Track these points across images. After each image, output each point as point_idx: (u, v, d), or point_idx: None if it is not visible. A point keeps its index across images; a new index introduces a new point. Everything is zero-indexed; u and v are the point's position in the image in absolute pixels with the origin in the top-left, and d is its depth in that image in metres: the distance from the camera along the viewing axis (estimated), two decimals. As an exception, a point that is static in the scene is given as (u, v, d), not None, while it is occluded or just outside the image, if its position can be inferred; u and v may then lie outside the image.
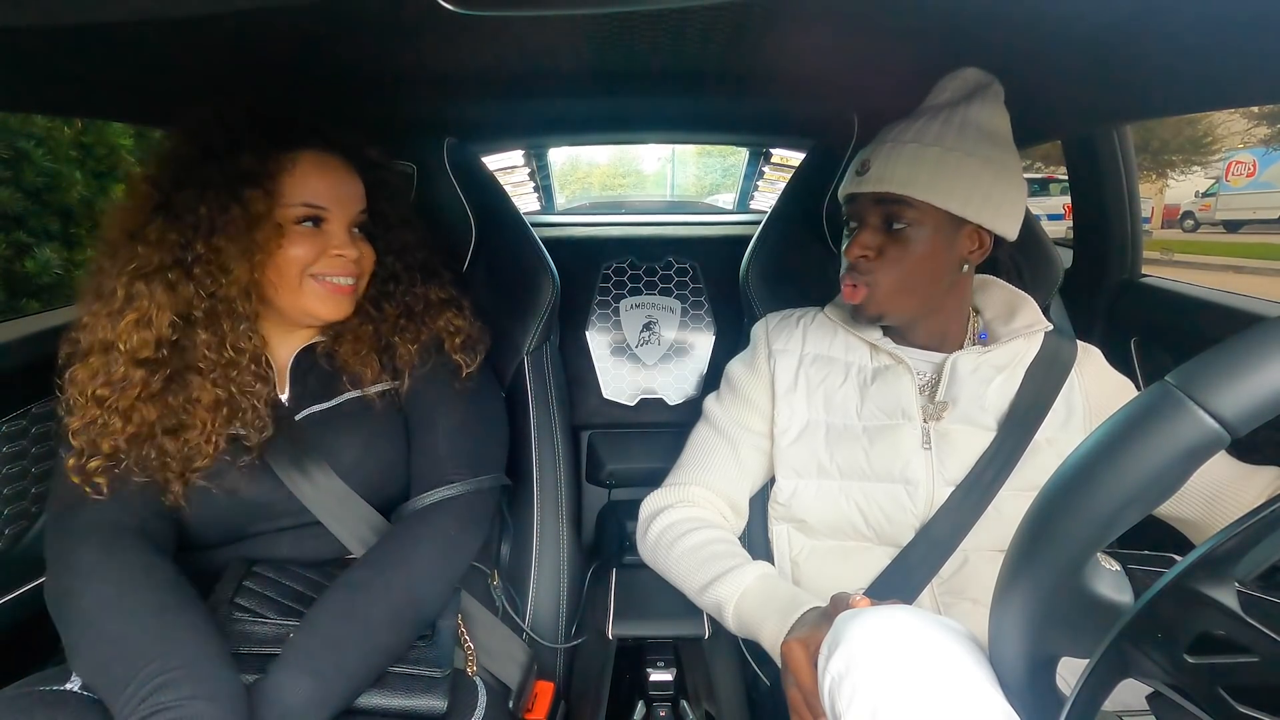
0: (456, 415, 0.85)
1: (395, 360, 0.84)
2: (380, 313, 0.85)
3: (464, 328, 0.88)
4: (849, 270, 0.82)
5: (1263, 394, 0.33)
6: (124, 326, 0.69)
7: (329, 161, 0.79)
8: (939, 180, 0.77)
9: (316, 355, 0.84)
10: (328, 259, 0.78)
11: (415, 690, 0.69)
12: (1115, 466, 0.37)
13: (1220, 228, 13.40)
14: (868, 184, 0.79)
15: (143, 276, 0.70)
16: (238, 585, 0.72)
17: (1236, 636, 0.33)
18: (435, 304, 0.87)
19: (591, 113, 1.35)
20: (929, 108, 0.82)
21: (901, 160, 0.78)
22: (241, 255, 0.72)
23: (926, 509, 0.80)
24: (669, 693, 0.88)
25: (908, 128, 0.80)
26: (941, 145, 0.77)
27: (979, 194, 0.78)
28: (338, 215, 0.78)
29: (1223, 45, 0.64)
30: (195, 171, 0.72)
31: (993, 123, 0.80)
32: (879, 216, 0.80)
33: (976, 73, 0.81)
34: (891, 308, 0.82)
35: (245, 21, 0.65)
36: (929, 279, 0.81)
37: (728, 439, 0.90)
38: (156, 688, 0.58)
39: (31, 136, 2.03)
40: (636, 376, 1.54)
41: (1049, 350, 0.85)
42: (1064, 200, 7.84)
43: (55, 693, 0.59)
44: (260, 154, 0.74)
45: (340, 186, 0.79)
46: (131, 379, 0.70)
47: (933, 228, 0.78)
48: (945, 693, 0.47)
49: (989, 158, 0.78)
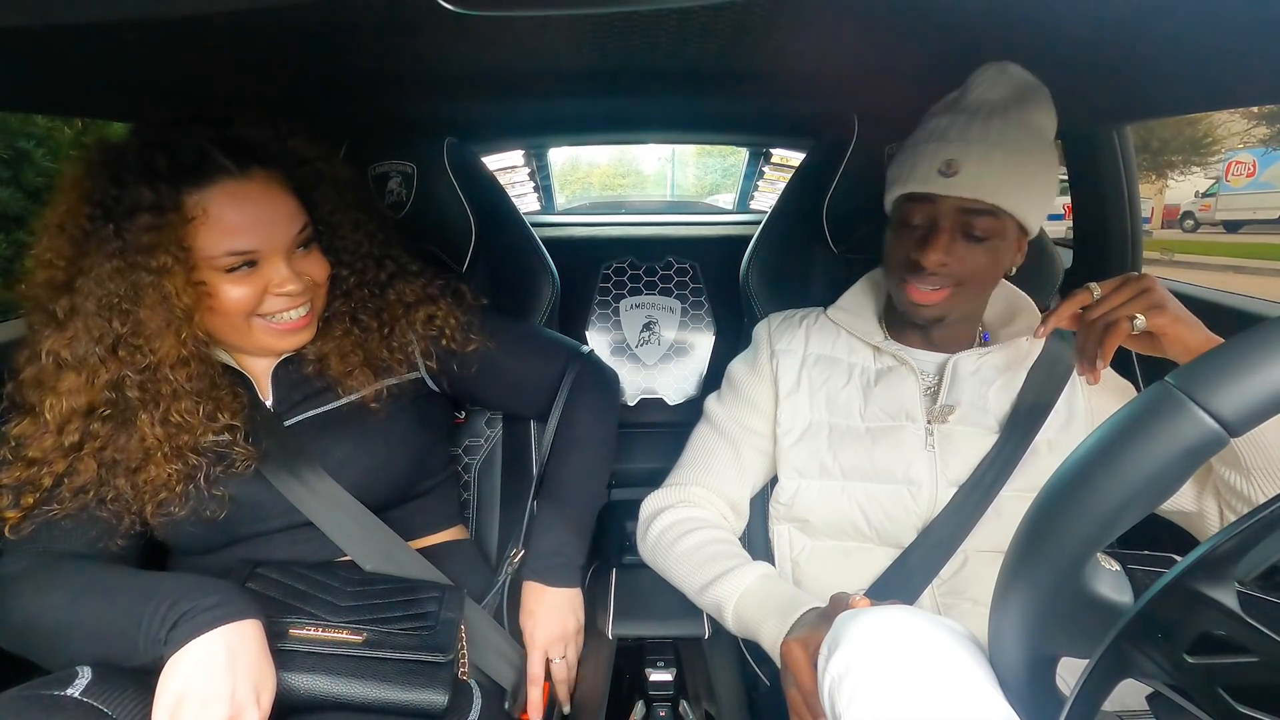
0: (504, 350, 0.88)
1: (392, 362, 0.83)
2: (359, 326, 0.81)
3: (446, 319, 0.84)
4: (918, 275, 0.77)
5: (1262, 394, 0.33)
6: (52, 399, 0.66)
7: (244, 191, 0.68)
8: (1022, 192, 0.74)
9: (304, 364, 0.80)
10: (270, 299, 0.71)
11: (415, 684, 0.68)
12: (1115, 466, 0.37)
13: (1220, 228, 13.40)
14: (959, 187, 0.74)
15: (69, 347, 0.66)
16: (239, 585, 0.72)
17: (1236, 636, 0.33)
18: (413, 304, 0.83)
19: (591, 113, 1.35)
20: (989, 104, 0.76)
21: (994, 166, 0.73)
22: (165, 328, 0.66)
23: (929, 510, 0.80)
24: (669, 693, 0.88)
25: (985, 128, 0.74)
26: (1022, 152, 0.74)
27: (1045, 205, 0.77)
28: (271, 249, 0.70)
29: (1222, 46, 0.64)
30: (98, 239, 0.65)
31: (1049, 129, 0.78)
32: (961, 223, 0.75)
33: (1022, 70, 0.77)
34: (953, 311, 0.80)
35: (244, 21, 0.64)
36: (989, 285, 0.81)
37: (729, 439, 0.90)
38: (171, 605, 0.60)
39: (31, 136, 2.03)
40: (637, 376, 1.54)
41: (1051, 352, 0.85)
42: (1064, 200, 7.83)
43: (54, 698, 0.59)
44: (160, 210, 0.65)
45: (265, 216, 0.69)
46: (61, 446, 0.66)
47: (1006, 237, 0.76)
48: (945, 693, 0.47)
49: (1049, 165, 0.76)
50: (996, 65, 0.77)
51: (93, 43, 0.66)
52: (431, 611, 0.75)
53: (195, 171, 0.67)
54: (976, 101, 0.77)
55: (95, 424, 0.68)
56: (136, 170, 0.66)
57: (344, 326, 0.81)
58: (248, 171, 0.69)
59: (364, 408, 0.81)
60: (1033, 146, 0.75)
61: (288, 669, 0.66)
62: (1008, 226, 0.76)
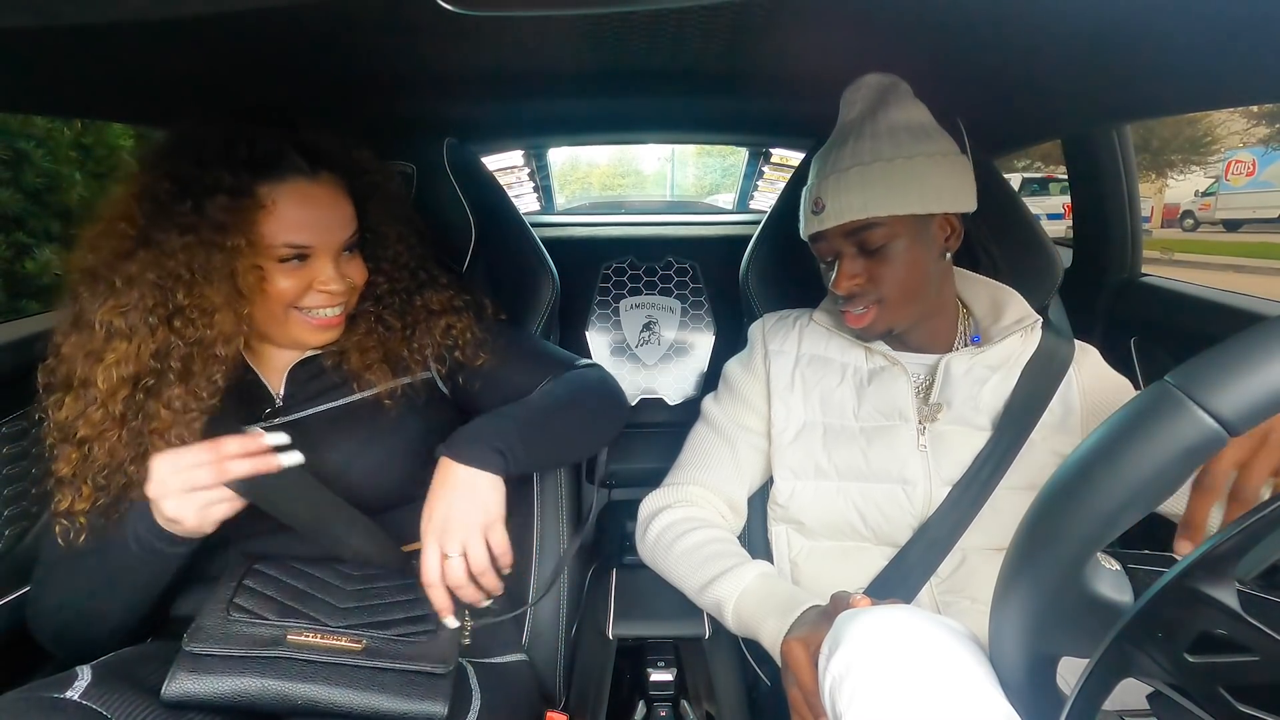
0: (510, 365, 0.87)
1: (410, 361, 0.84)
2: (384, 325, 0.83)
3: (464, 333, 0.86)
4: (846, 301, 0.83)
5: (1262, 393, 0.33)
6: (103, 369, 0.67)
7: (311, 192, 0.74)
8: (892, 191, 0.78)
9: (322, 361, 0.82)
10: (313, 294, 0.75)
11: (415, 695, 0.67)
12: (1115, 466, 0.37)
13: (1220, 227, 13.40)
14: (830, 220, 0.80)
15: (123, 315, 0.68)
16: (238, 585, 0.72)
17: (1237, 636, 0.34)
18: (436, 312, 0.86)
19: (591, 113, 1.35)
20: (848, 126, 0.83)
21: (851, 187, 0.79)
22: (226, 304, 0.70)
23: (924, 508, 0.80)
24: (669, 693, 0.88)
25: (840, 154, 0.81)
26: (880, 158, 0.79)
27: (931, 187, 0.79)
28: (324, 248, 0.75)
29: (1222, 45, 0.64)
30: (172, 213, 0.68)
31: (913, 118, 0.82)
32: (853, 245, 0.81)
33: (876, 77, 0.83)
34: (898, 320, 0.83)
35: (245, 21, 0.64)
36: (923, 280, 0.82)
37: (726, 439, 0.90)
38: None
39: (31, 137, 2.03)
40: (636, 376, 1.54)
41: (1046, 348, 0.85)
42: (1064, 200, 7.83)
43: (56, 700, 0.59)
44: (237, 194, 0.69)
45: (325, 217, 0.74)
46: (112, 417, 0.68)
47: (907, 234, 0.80)
48: (946, 692, 0.48)
49: (925, 152, 0.80)
50: (852, 85, 0.84)
51: (93, 43, 0.66)
52: (431, 614, 0.74)
53: (272, 166, 0.72)
54: (838, 132, 0.85)
55: (139, 395, 0.69)
56: (219, 155, 0.70)
57: (368, 324, 0.83)
58: (318, 174, 0.74)
59: (377, 404, 0.81)
60: (900, 142, 0.80)
61: (286, 677, 0.65)
62: (898, 228, 0.79)
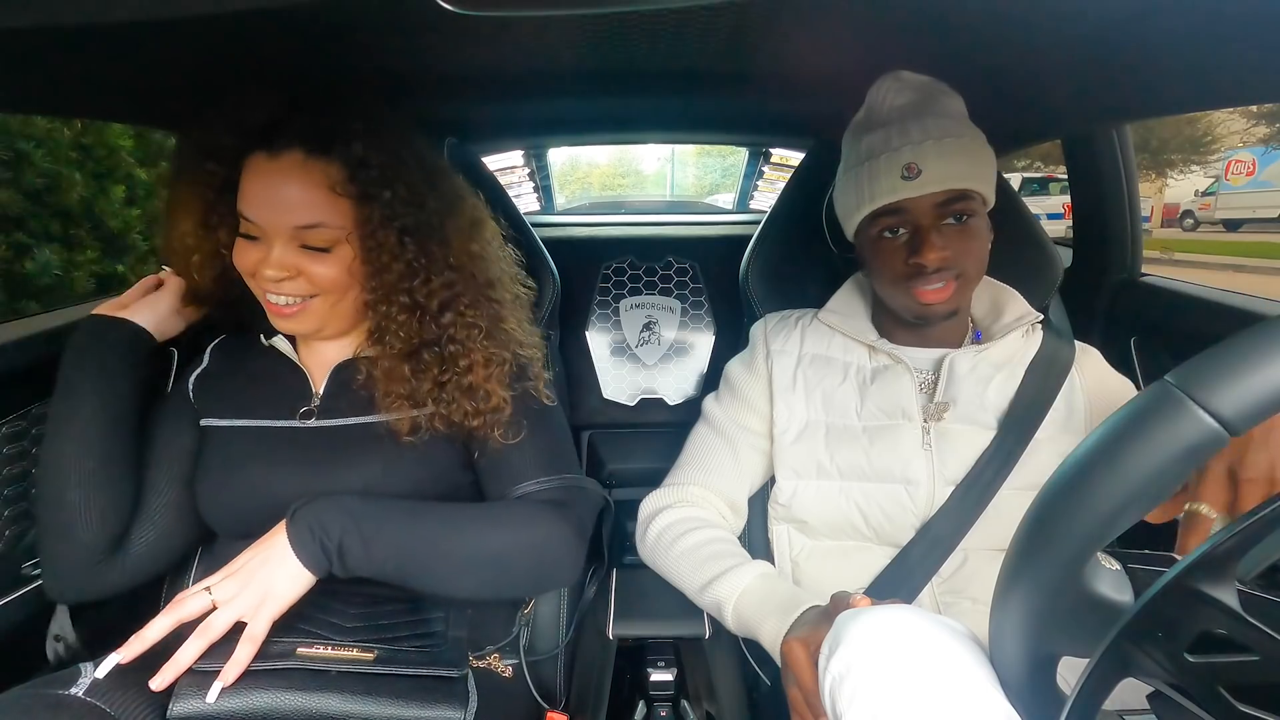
0: (522, 444, 0.80)
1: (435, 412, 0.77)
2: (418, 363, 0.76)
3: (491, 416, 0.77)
4: (922, 277, 0.78)
5: (1262, 393, 0.33)
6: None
7: (266, 169, 0.70)
8: (977, 168, 0.80)
9: (359, 367, 0.79)
10: (260, 276, 0.73)
11: (431, 699, 0.66)
12: (1115, 465, 0.36)
13: (1220, 226, 13.41)
14: (930, 185, 0.77)
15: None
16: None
17: (1237, 635, 0.33)
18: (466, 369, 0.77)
19: (591, 113, 1.35)
20: (900, 110, 0.81)
21: (952, 154, 0.78)
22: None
23: (927, 508, 0.80)
24: (669, 693, 0.88)
25: (919, 125, 0.78)
26: (958, 137, 0.79)
27: (992, 173, 0.82)
28: (271, 229, 0.71)
29: (1222, 45, 0.64)
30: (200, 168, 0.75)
31: (962, 110, 0.84)
32: (939, 216, 0.79)
33: (912, 75, 0.84)
34: (965, 299, 0.85)
35: (245, 21, 0.64)
36: (983, 266, 0.84)
37: (726, 439, 0.90)
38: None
39: (31, 138, 2.03)
40: (636, 376, 1.54)
41: (1049, 349, 0.85)
42: (1064, 200, 7.82)
43: (59, 696, 0.59)
44: (228, 160, 0.73)
45: (273, 198, 0.70)
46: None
47: (981, 215, 0.81)
48: (946, 692, 0.47)
49: (981, 140, 0.82)
50: (890, 76, 0.84)
51: (93, 43, 0.66)
52: (439, 631, 0.74)
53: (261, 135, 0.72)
54: (891, 111, 0.82)
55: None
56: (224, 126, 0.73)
57: (400, 346, 0.76)
58: (278, 153, 0.71)
59: (395, 433, 0.77)
60: (962, 129, 0.81)
61: (299, 688, 0.63)
62: (978, 203, 0.81)
